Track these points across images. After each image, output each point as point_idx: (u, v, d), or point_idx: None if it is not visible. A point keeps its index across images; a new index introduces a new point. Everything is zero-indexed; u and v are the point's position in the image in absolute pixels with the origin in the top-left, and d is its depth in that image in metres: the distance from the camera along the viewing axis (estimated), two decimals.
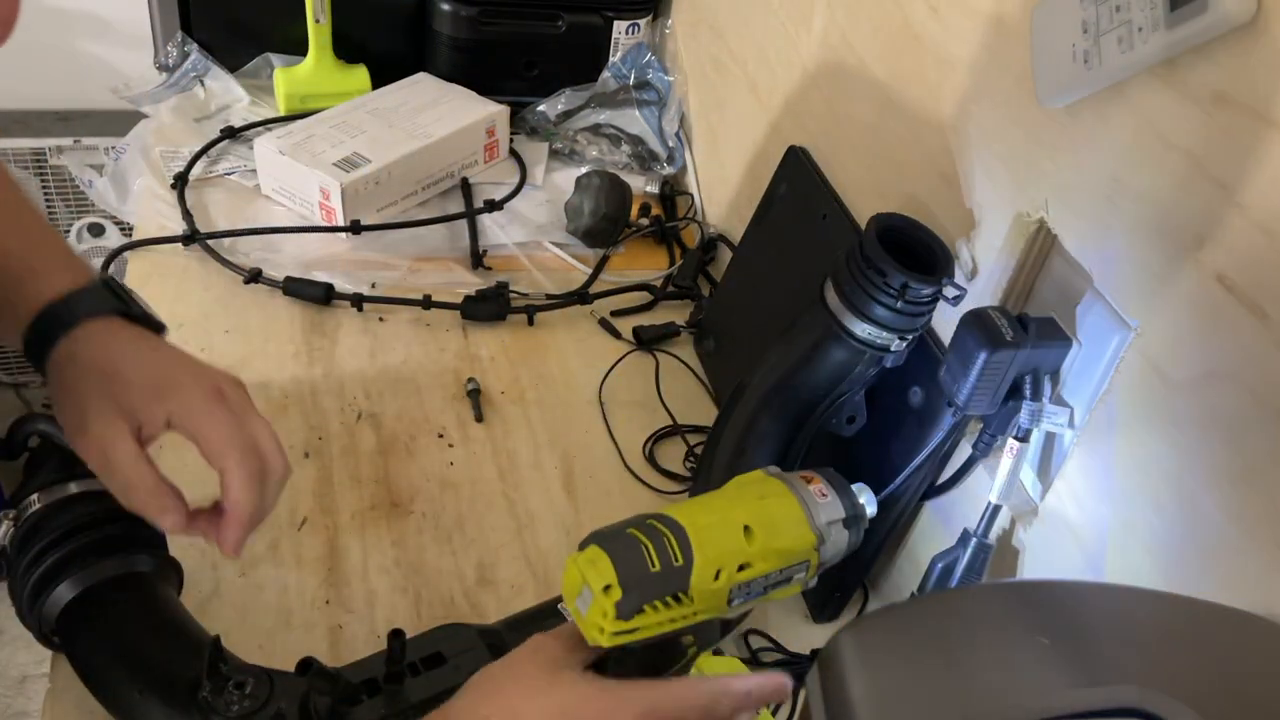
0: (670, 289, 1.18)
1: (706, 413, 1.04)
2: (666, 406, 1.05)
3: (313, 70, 1.31)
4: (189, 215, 1.14)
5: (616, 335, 1.12)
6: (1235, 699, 0.41)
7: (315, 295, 1.08)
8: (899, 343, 0.74)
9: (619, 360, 1.09)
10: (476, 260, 1.17)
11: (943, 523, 0.81)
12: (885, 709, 0.42)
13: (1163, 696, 0.38)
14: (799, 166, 1.00)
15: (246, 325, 1.05)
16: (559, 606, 0.74)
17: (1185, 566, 0.60)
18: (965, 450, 0.77)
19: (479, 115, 1.26)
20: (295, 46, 1.32)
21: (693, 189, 1.32)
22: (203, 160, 1.22)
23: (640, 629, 0.53)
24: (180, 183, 1.18)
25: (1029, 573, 0.73)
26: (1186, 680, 0.41)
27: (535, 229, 1.23)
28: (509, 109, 1.30)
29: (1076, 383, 0.68)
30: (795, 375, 0.79)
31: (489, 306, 1.10)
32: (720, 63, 1.23)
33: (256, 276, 1.09)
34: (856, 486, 0.61)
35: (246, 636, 0.77)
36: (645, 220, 1.27)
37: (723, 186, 1.25)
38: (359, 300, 1.08)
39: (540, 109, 1.37)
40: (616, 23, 1.36)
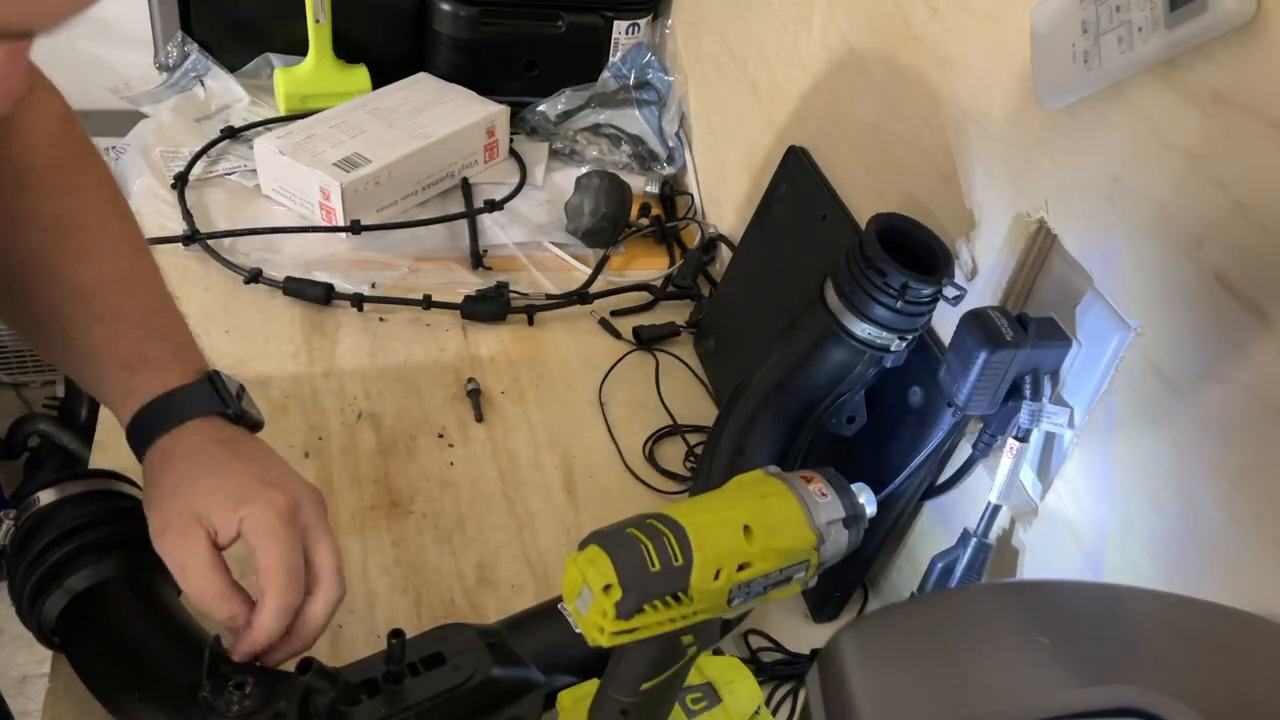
0: (670, 289, 1.18)
1: (706, 413, 1.04)
2: (666, 406, 1.05)
3: (313, 70, 1.31)
4: (189, 215, 1.14)
5: (616, 335, 1.12)
6: (1235, 699, 0.41)
7: (315, 295, 1.08)
8: (899, 343, 0.74)
9: (619, 360, 1.09)
10: (476, 260, 1.17)
11: (943, 523, 0.81)
12: (885, 708, 0.42)
13: (1163, 696, 0.38)
14: (799, 166, 1.00)
15: (247, 325, 1.05)
16: (559, 607, 0.74)
17: (1185, 566, 0.60)
18: (965, 450, 0.77)
19: (479, 115, 1.26)
20: (295, 46, 1.32)
21: (693, 189, 1.32)
22: (203, 160, 1.22)
23: (640, 629, 0.53)
24: (180, 183, 1.18)
25: (1029, 573, 0.73)
26: (1186, 680, 0.41)
27: (535, 229, 1.23)
28: (509, 109, 1.30)
29: (1076, 383, 0.68)
30: (795, 375, 0.79)
31: (489, 306, 1.10)
32: (720, 63, 1.23)
33: (257, 276, 1.09)
34: (856, 486, 0.61)
35: None
36: (645, 220, 1.27)
37: (723, 186, 1.24)
38: (359, 300, 1.08)
39: (540, 109, 1.37)
40: (616, 23, 1.36)
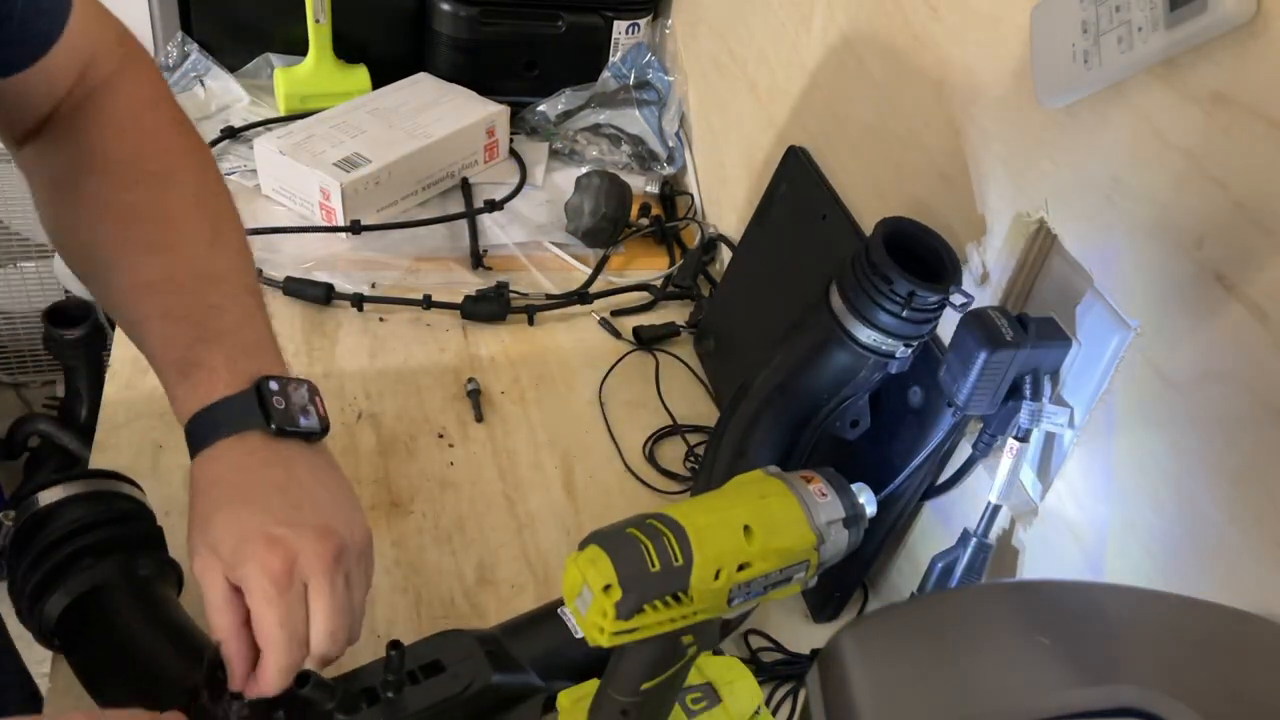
0: (670, 289, 1.18)
1: (706, 413, 1.04)
2: (666, 406, 1.05)
3: (313, 70, 1.31)
4: None
5: (616, 335, 1.12)
6: (1235, 699, 0.41)
7: (315, 295, 1.08)
8: (904, 349, 0.74)
9: (619, 360, 1.09)
10: (476, 260, 1.17)
11: (943, 523, 0.81)
12: (885, 708, 0.42)
13: (1163, 696, 0.38)
14: (799, 166, 1.00)
15: None
16: (558, 611, 0.74)
17: (1185, 566, 0.60)
18: (965, 450, 0.77)
19: (479, 115, 1.26)
20: (295, 46, 1.33)
21: (693, 189, 1.32)
22: None
23: (640, 629, 0.53)
24: None
25: (1029, 573, 0.73)
26: (1186, 680, 0.41)
27: (535, 229, 1.23)
28: (509, 109, 1.30)
29: (1076, 383, 0.68)
30: (798, 378, 0.79)
31: (489, 306, 1.10)
32: (720, 63, 1.23)
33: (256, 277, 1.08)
34: (856, 486, 0.61)
35: None
36: (645, 220, 1.27)
37: (723, 186, 1.24)
38: (359, 300, 1.08)
39: (540, 109, 1.37)
40: (616, 23, 1.36)
